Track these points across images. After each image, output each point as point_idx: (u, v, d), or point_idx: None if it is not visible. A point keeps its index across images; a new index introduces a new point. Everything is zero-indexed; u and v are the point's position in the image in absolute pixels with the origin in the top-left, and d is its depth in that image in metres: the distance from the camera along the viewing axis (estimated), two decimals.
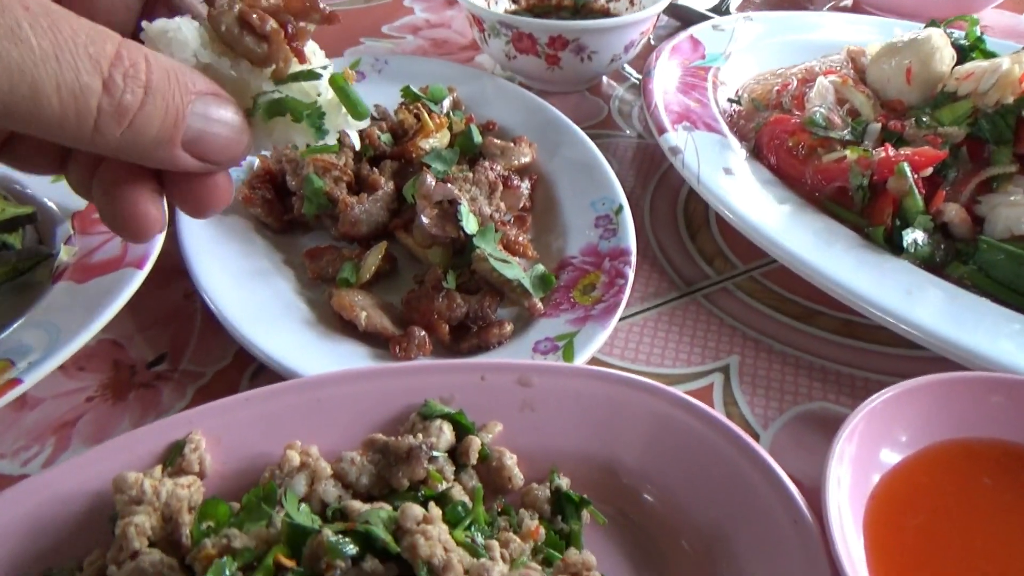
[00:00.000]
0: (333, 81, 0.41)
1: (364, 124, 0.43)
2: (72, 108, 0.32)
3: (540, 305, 0.72)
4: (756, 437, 0.66)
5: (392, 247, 0.78)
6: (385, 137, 0.87)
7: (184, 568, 0.47)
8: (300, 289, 0.76)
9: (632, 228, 0.79)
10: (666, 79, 0.99)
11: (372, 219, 0.79)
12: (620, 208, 0.81)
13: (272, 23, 0.39)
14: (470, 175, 0.81)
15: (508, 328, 0.71)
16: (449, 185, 0.77)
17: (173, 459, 0.54)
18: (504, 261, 0.73)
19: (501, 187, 0.82)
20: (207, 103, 0.38)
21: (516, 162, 0.87)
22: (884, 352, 0.75)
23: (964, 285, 0.74)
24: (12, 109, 0.31)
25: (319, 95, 0.41)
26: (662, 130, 0.90)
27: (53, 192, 0.78)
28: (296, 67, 0.40)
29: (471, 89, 1.00)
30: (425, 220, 0.75)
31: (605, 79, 1.16)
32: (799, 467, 0.62)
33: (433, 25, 1.29)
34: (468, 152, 0.88)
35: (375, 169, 0.83)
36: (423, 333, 0.69)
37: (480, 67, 1.17)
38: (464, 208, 0.75)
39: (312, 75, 0.41)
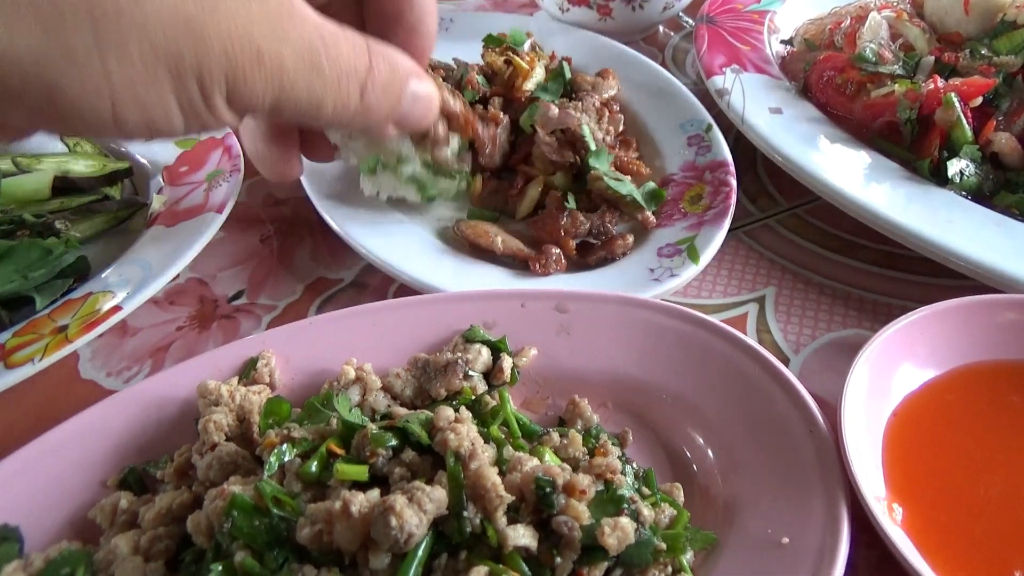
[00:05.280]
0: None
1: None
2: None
3: (652, 218, 0.77)
4: (786, 361, 0.68)
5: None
6: (479, 79, 0.89)
7: (255, 459, 0.55)
8: (427, 229, 0.80)
9: (725, 143, 0.84)
10: (719, 24, 1.00)
11: (502, 149, 0.84)
12: (710, 127, 0.86)
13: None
14: (578, 104, 0.84)
15: (630, 239, 0.76)
16: (570, 111, 0.81)
17: (248, 372, 0.62)
18: (617, 179, 0.78)
19: (607, 113, 0.86)
20: (416, 83, 0.46)
21: (605, 95, 0.90)
22: (926, 282, 0.75)
23: (1012, 215, 0.73)
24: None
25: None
26: (711, 73, 0.91)
27: (144, 150, 0.88)
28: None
29: (537, 36, 1.02)
30: (546, 147, 0.80)
31: (661, 28, 1.17)
32: (827, 388, 0.64)
33: None
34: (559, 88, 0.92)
35: (487, 109, 0.85)
36: (557, 250, 0.74)
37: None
38: (586, 128, 0.80)
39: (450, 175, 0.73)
